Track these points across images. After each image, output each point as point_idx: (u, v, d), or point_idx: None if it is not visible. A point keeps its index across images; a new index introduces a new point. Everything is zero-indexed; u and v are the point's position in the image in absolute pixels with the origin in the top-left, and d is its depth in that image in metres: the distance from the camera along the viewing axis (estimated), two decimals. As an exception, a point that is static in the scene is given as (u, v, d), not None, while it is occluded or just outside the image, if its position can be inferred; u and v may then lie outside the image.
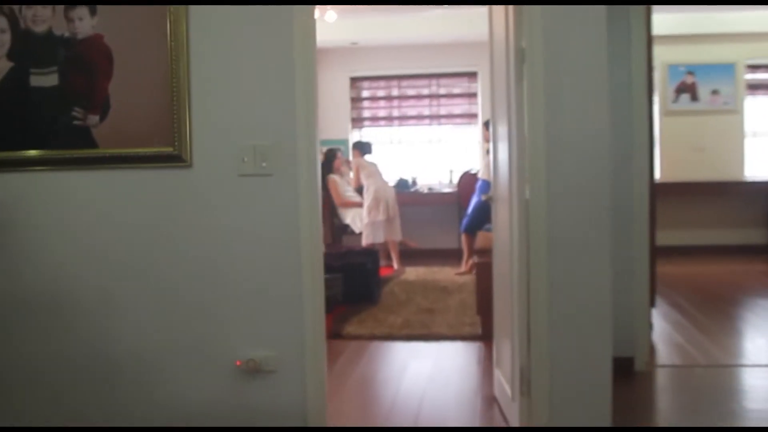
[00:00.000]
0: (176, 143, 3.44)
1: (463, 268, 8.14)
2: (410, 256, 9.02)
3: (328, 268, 6.64)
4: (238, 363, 3.44)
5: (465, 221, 8.05)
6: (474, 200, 7.93)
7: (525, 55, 3.39)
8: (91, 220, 3.50)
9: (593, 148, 3.35)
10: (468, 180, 9.22)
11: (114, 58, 3.46)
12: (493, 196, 4.23)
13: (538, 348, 3.40)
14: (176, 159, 3.46)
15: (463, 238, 8.15)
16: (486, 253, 5.65)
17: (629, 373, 4.60)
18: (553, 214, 3.35)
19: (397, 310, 6.42)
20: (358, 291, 6.67)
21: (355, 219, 8.78)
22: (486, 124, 7.93)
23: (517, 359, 3.54)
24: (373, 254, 7.27)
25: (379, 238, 8.53)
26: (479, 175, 8.02)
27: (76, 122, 3.49)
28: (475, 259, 5.86)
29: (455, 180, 9.51)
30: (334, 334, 5.75)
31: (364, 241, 8.56)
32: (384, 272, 8.11)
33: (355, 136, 10.01)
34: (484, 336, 5.52)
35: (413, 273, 8.29)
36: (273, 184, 3.40)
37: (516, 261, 3.52)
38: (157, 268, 3.47)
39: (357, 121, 10.06)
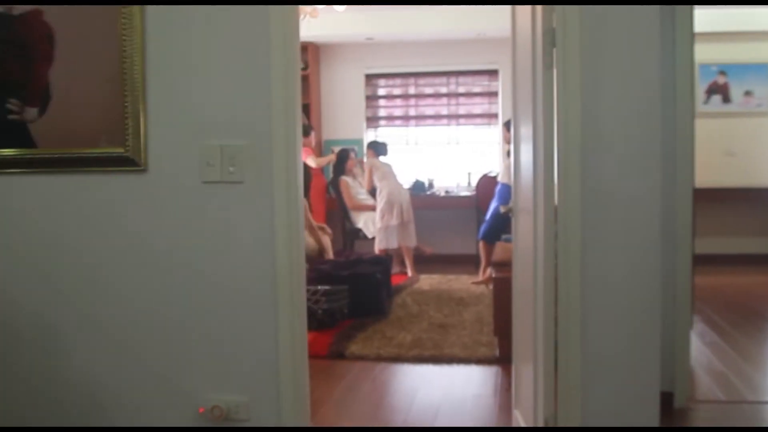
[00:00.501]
0: (128, 143, 2.75)
1: (480, 277, 7.39)
2: (425, 262, 8.29)
3: (334, 279, 5.95)
4: (200, 410, 2.74)
5: (483, 228, 7.30)
6: (493, 205, 7.18)
7: (555, 36, 2.64)
8: (27, 234, 2.81)
9: (640, 147, 2.62)
10: (487, 183, 8.47)
11: (56, 39, 2.77)
12: (514, 206, 3.51)
13: (566, 391, 2.68)
14: (128, 162, 2.77)
15: (481, 245, 7.39)
16: (505, 266, 4.91)
17: (668, 411, 3.84)
18: (588, 225, 2.64)
19: (408, 326, 5.69)
20: (366, 304, 5.95)
21: (368, 223, 8.06)
22: (507, 125, 7.18)
23: (540, 407, 2.80)
24: (383, 263, 6.55)
25: (393, 244, 7.81)
26: (499, 179, 7.27)
27: (10, 116, 2.81)
28: (492, 273, 5.11)
29: (474, 183, 8.76)
30: (336, 353, 5.04)
31: (377, 247, 7.84)
32: (397, 280, 7.39)
33: (370, 136, 9.31)
34: (502, 358, 4.78)
35: (427, 281, 7.56)
36: (244, 194, 2.69)
37: (541, 279, 2.81)
38: (106, 293, 2.78)
39: (372, 121, 9.35)
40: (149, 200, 2.75)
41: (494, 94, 9.11)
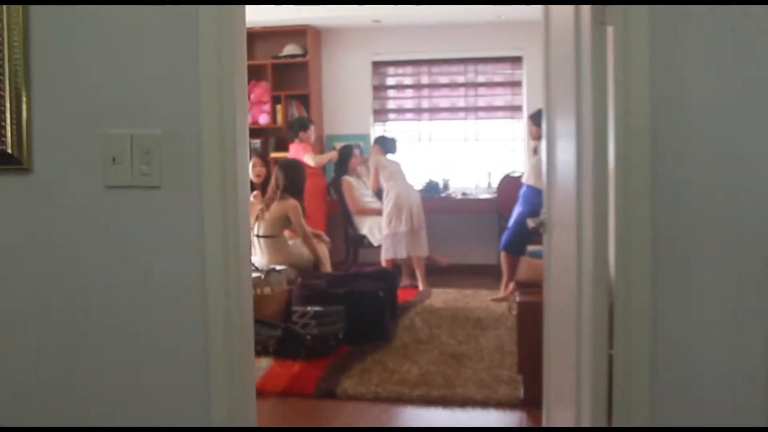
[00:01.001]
0: (7, 136, 2.00)
1: (502, 293, 6.60)
2: (439, 274, 7.51)
3: (328, 298, 5.17)
4: None
5: (505, 237, 6.51)
6: (517, 211, 6.39)
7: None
8: None
9: (744, 140, 1.81)
10: (510, 185, 7.68)
11: None
12: (546, 218, 2.77)
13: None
14: (8, 160, 2.02)
15: (503, 257, 6.60)
16: (532, 287, 4.13)
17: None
18: (661, 242, 1.83)
19: (415, 355, 4.91)
20: (365, 327, 5.19)
21: (373, 229, 7.30)
22: (534, 118, 6.38)
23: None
24: (388, 278, 5.77)
25: (401, 253, 7.04)
26: (524, 180, 6.48)
27: None
28: (517, 296, 4.32)
29: (495, 184, 7.98)
30: (325, 391, 4.28)
31: (384, 256, 7.07)
32: (405, 295, 6.62)
33: (377, 131, 8.56)
34: (527, 401, 4.00)
35: (441, 297, 6.77)
36: (161, 204, 1.92)
37: (588, 307, 2.08)
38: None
39: (380, 114, 8.59)
40: (35, 208, 2.00)
41: (518, 83, 8.32)
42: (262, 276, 5.31)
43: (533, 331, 3.47)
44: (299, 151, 7.31)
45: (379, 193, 7.40)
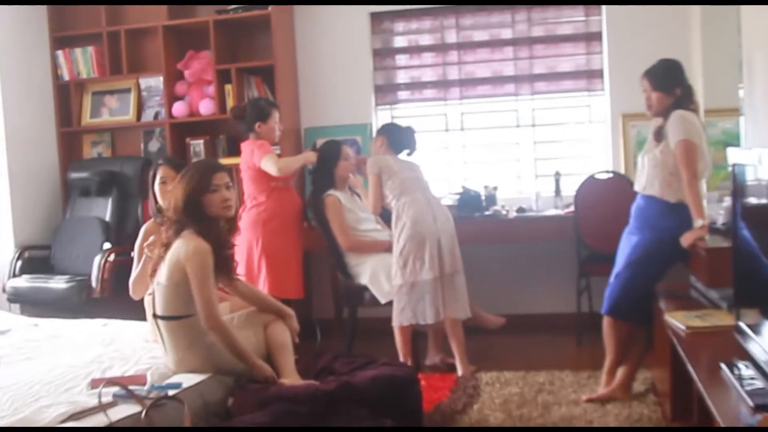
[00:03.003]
0: None
1: (603, 387, 3.97)
2: (489, 338, 5.05)
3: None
4: None
5: (612, 290, 3.89)
6: (630, 241, 3.82)
7: None
8: None
9: None
10: (594, 193, 5.13)
11: None
12: None
13: None
14: None
15: (607, 325, 3.94)
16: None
17: None
18: None
19: None
20: None
21: (379, 275, 4.75)
22: (654, 76, 3.76)
23: None
24: (403, 394, 3.13)
25: (426, 317, 4.51)
26: (638, 188, 3.87)
27: None
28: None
29: (568, 192, 5.43)
30: None
31: (396, 321, 4.57)
32: (434, 390, 4.09)
33: (382, 118, 6.03)
34: None
35: (495, 391, 4.18)
36: None
37: None
38: None
39: (385, 92, 6.07)
40: None
41: (595, 37, 5.72)
42: (143, 412, 2.69)
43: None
44: (254, 153, 4.72)
45: (386, 216, 4.77)
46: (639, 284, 3.69)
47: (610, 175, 5.27)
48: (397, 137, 4.84)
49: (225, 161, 5.53)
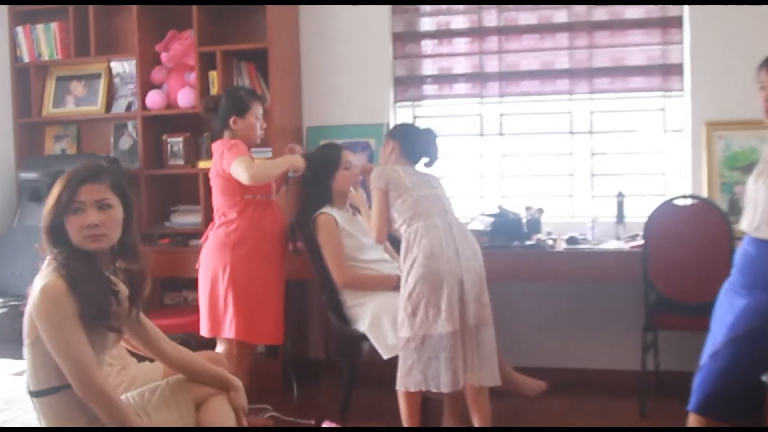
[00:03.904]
0: None
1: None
2: (525, 406, 4.04)
3: None
4: None
5: (708, 376, 2.73)
6: (732, 303, 2.65)
7: None
8: None
9: None
10: (670, 221, 4.03)
11: None
12: None
13: None
14: None
15: (692, 422, 2.78)
16: None
17: None
18: None
19: None
20: None
21: (381, 321, 3.70)
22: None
23: None
24: None
25: (440, 383, 3.40)
26: (749, 228, 2.71)
27: None
28: None
29: (634, 219, 4.39)
30: None
31: (401, 385, 3.49)
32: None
33: (402, 117, 5.00)
34: None
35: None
36: None
37: None
38: None
39: (407, 86, 5.04)
40: None
41: (673, 22, 4.61)
42: None
43: None
44: (224, 156, 3.70)
45: (397, 242, 3.70)
46: (746, 370, 2.57)
47: (691, 200, 4.15)
48: (413, 142, 3.77)
49: (204, 164, 4.58)
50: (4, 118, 5.09)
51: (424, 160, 3.80)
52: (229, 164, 3.63)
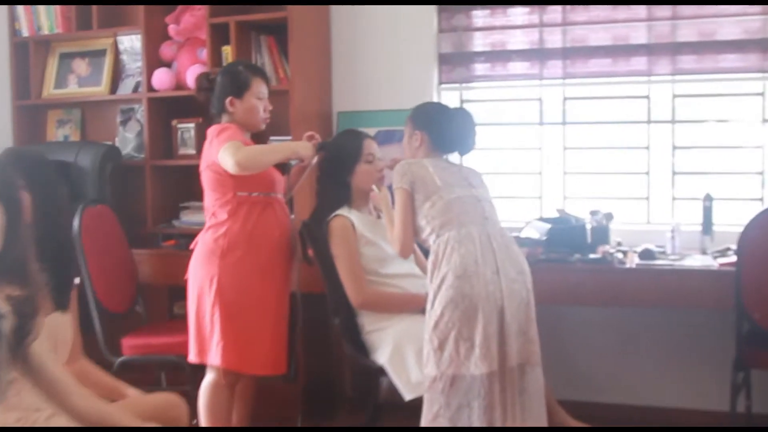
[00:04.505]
0: None
1: None
2: None
3: None
4: None
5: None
6: None
7: None
8: None
9: None
10: None
11: None
12: None
13: None
14: None
15: None
16: None
17: None
18: None
19: None
20: None
21: (404, 352, 3.08)
22: None
23: None
24: None
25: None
26: None
27: None
28: None
29: (726, 227, 3.82)
30: None
31: (426, 421, 2.81)
32: None
33: (449, 101, 4.42)
34: None
35: None
36: None
37: None
38: None
39: (454, 65, 4.46)
40: None
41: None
42: None
43: None
44: (212, 143, 3.12)
45: (425, 251, 3.06)
46: None
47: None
48: (445, 129, 3.10)
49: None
50: (1, 100, 4.63)
51: (459, 151, 3.14)
52: (217, 151, 3.01)
